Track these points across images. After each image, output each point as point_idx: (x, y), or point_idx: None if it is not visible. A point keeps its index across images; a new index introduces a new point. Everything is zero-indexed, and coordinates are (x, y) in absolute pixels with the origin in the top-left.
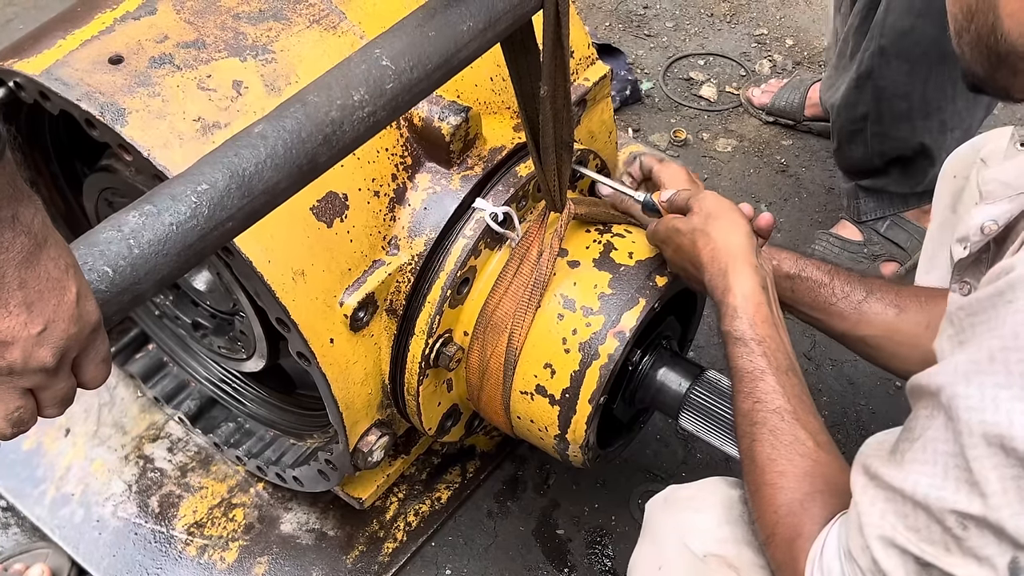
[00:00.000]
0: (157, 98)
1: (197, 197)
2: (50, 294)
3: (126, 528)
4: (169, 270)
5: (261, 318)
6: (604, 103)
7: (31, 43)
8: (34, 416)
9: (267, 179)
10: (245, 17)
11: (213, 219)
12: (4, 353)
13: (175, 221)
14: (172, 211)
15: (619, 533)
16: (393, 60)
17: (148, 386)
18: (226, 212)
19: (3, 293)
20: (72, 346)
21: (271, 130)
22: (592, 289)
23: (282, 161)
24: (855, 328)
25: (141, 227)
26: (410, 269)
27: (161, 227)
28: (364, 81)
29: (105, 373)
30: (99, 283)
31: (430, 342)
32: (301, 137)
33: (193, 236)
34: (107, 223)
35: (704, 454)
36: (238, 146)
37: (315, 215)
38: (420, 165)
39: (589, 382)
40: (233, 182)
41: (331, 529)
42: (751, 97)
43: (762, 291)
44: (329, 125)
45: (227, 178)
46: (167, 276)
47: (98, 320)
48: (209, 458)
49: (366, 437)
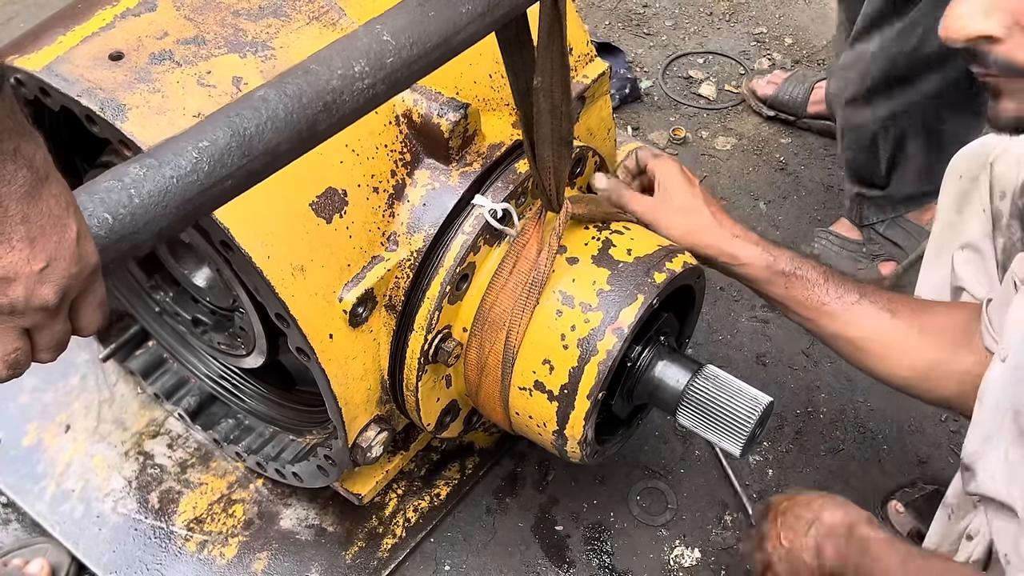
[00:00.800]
0: (157, 94)
1: (198, 153)
2: (52, 231)
3: (126, 524)
4: (168, 222)
5: (261, 314)
6: (603, 100)
7: (32, 39)
8: (29, 359)
9: (267, 140)
10: (245, 14)
11: (213, 175)
12: (6, 290)
13: (176, 174)
14: (173, 164)
15: (617, 529)
16: (394, 36)
17: (148, 382)
18: (226, 170)
19: (6, 227)
20: (72, 286)
21: (273, 94)
22: (591, 285)
23: (283, 125)
24: (846, 329)
25: (142, 178)
26: (409, 265)
27: (162, 179)
28: (365, 54)
29: (100, 319)
30: (98, 229)
31: (429, 338)
32: (302, 103)
33: (193, 190)
34: (108, 174)
35: (702, 450)
36: (240, 107)
37: (314, 211)
38: (419, 161)
39: (587, 378)
40: (234, 141)
41: (330, 525)
42: (755, 88)
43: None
44: (330, 93)
45: (228, 136)
46: (165, 229)
47: (97, 263)
48: (209, 454)
49: (365, 433)
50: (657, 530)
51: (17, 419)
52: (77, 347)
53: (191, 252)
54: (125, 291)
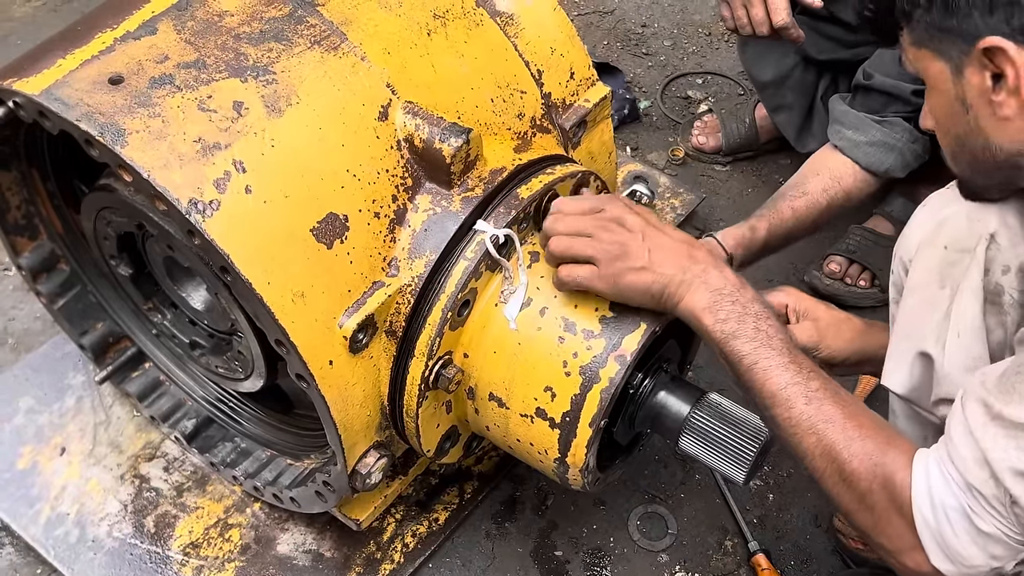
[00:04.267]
0: (157, 119)
1: None
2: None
3: (121, 548)
4: None
5: (259, 339)
6: (604, 124)
7: (31, 62)
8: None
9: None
10: (246, 38)
11: None
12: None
13: None
14: None
15: (617, 554)
16: None
17: (144, 405)
18: None
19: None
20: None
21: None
22: (593, 312)
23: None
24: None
25: None
26: (410, 291)
27: None
28: None
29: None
30: None
31: (430, 364)
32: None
33: None
34: None
35: (703, 475)
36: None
37: (315, 236)
38: (421, 186)
39: (590, 405)
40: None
41: (328, 550)
42: (699, 146)
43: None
44: None
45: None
46: None
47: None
48: (205, 478)
49: (364, 459)
50: (657, 555)
51: (11, 441)
52: (72, 369)
53: (189, 275)
54: (122, 313)
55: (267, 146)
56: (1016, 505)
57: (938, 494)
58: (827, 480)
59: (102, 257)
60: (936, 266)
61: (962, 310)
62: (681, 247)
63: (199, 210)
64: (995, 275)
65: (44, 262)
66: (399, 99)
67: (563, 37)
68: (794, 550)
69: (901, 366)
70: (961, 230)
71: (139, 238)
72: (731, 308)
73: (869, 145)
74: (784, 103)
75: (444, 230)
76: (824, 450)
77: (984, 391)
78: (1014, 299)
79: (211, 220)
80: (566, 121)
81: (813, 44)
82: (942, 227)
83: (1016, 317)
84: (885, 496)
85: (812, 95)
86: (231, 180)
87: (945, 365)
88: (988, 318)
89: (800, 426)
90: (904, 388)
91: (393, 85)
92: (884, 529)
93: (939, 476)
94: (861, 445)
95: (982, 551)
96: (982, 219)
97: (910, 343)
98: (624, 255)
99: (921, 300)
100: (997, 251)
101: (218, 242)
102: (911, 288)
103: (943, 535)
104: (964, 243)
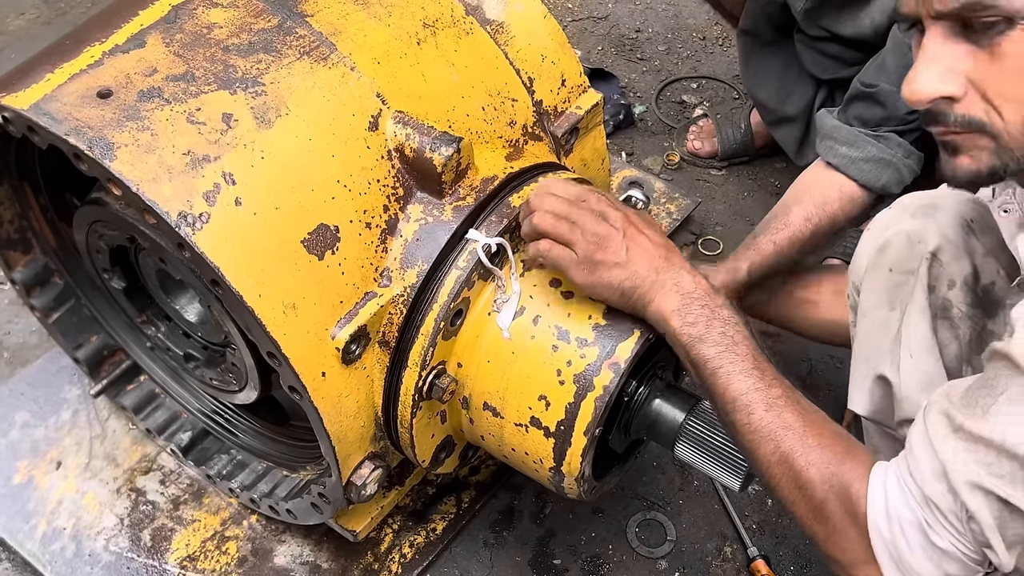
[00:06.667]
0: (146, 132)
1: None
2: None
3: (118, 562)
4: None
5: (252, 351)
6: (596, 131)
7: (19, 77)
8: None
9: None
10: (235, 49)
11: None
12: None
13: None
14: None
15: (616, 562)
16: None
17: (140, 418)
18: None
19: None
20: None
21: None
22: (587, 320)
23: None
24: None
25: None
26: (402, 301)
27: None
28: None
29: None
30: None
31: (423, 374)
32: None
33: None
34: None
35: (701, 482)
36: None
37: (306, 248)
38: (412, 196)
39: (584, 414)
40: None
41: (325, 562)
42: (695, 151)
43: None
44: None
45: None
46: None
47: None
48: (202, 490)
49: (359, 470)
50: (656, 562)
51: (7, 456)
52: (68, 382)
53: (182, 287)
54: (116, 326)
55: (257, 158)
56: (973, 520)
57: (895, 506)
58: (783, 488)
59: (95, 270)
60: (884, 289)
61: (911, 331)
62: (659, 249)
63: (189, 223)
64: (941, 291)
65: (38, 276)
66: (389, 109)
67: (554, 44)
68: (793, 556)
69: (862, 390)
70: (902, 252)
71: (131, 251)
72: (700, 312)
73: (865, 161)
74: (784, 118)
75: (436, 240)
76: (781, 457)
77: (948, 403)
78: (963, 312)
79: (201, 233)
80: (558, 128)
81: (816, 64)
82: (885, 250)
83: (968, 328)
84: (840, 507)
85: (811, 109)
86: (221, 192)
87: (903, 388)
88: (941, 333)
89: (759, 432)
90: (866, 411)
91: (383, 95)
92: (838, 541)
93: (896, 488)
94: (819, 454)
95: (937, 568)
96: (922, 239)
97: (867, 366)
98: (603, 248)
99: (873, 323)
100: (940, 268)
101: (208, 255)
102: (863, 312)
103: (898, 549)
104: (907, 265)
